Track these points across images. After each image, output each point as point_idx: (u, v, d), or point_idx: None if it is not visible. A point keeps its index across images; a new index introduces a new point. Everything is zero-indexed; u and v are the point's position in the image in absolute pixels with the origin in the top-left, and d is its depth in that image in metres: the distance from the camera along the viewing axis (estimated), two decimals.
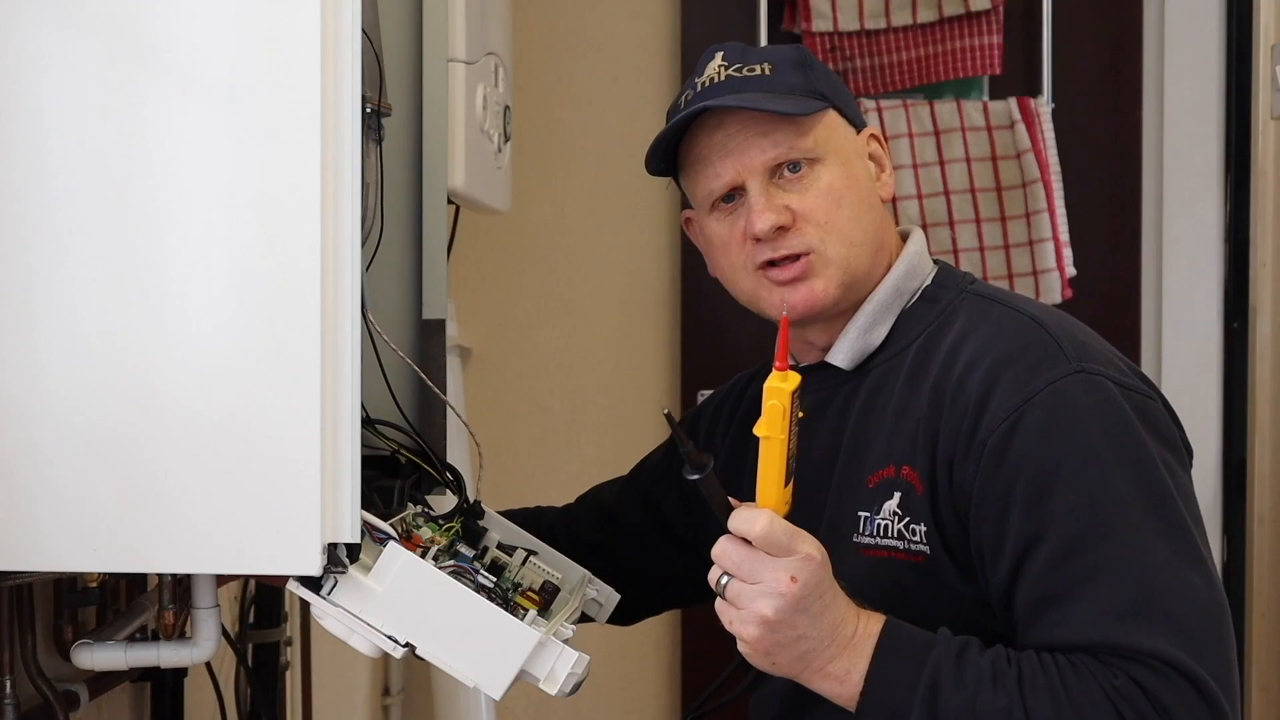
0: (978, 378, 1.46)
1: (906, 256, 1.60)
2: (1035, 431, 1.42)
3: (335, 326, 1.27)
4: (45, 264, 1.27)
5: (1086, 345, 1.48)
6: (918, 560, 1.48)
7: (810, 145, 1.55)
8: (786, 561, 1.36)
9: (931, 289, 1.59)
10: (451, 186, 2.04)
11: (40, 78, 1.26)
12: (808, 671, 1.40)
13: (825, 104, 1.57)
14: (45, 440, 1.27)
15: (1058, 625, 1.39)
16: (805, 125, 1.55)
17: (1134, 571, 1.38)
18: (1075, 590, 1.38)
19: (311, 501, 1.27)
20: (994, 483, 1.42)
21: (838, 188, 1.56)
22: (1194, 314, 3.20)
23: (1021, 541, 1.41)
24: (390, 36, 1.71)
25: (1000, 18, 3.12)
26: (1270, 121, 3.07)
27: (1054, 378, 1.43)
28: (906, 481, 1.49)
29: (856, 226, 1.56)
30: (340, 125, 1.27)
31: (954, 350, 1.50)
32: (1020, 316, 1.51)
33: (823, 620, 1.38)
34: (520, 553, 1.64)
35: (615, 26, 3.31)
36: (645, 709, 3.36)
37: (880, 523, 1.50)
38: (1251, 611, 3.09)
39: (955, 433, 1.45)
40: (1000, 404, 1.43)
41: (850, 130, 1.60)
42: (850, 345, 1.58)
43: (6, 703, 1.58)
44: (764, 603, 1.36)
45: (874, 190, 1.60)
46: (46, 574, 1.48)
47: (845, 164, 1.57)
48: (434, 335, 1.77)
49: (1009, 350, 1.46)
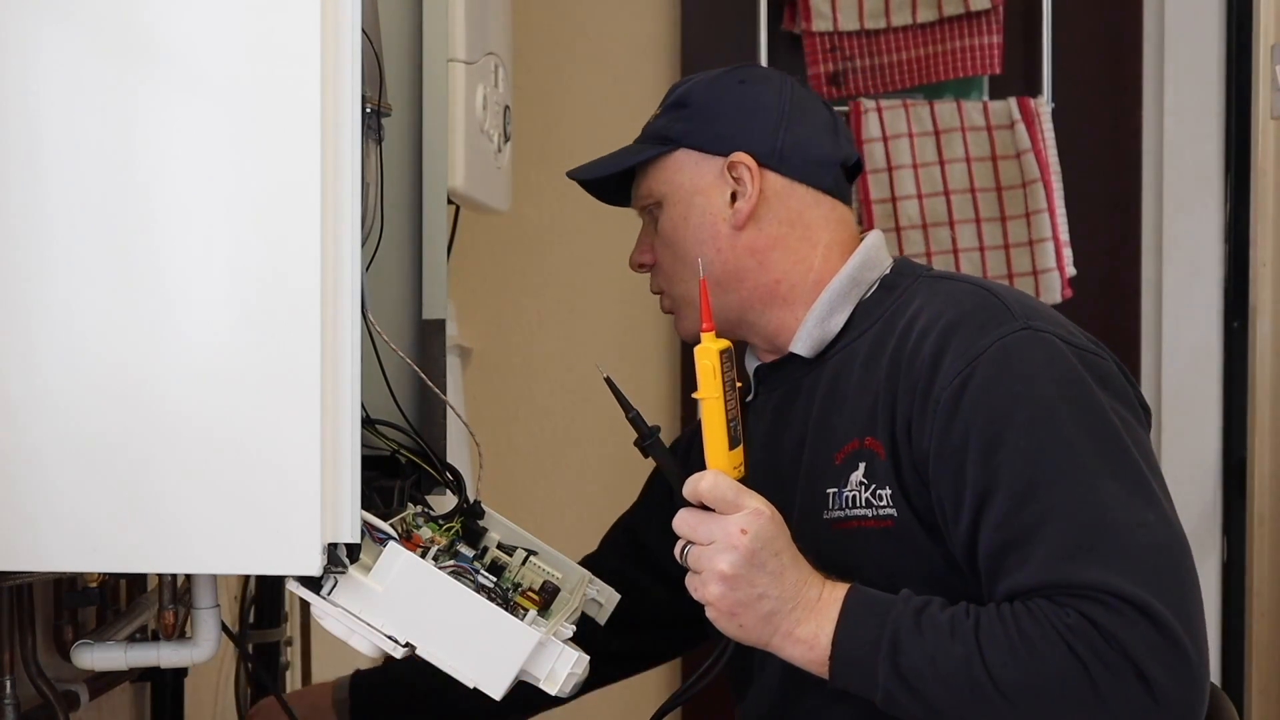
0: (930, 340, 1.51)
1: (862, 250, 1.66)
2: (985, 384, 1.46)
3: (335, 326, 1.27)
4: (43, 263, 1.27)
5: (1034, 308, 1.54)
6: (886, 525, 1.51)
7: (647, 191, 1.69)
8: (736, 516, 1.43)
9: (890, 278, 1.65)
10: (451, 186, 2.04)
11: (37, 77, 1.26)
12: (777, 636, 1.44)
13: (661, 149, 1.67)
14: (44, 439, 1.27)
15: (1015, 570, 1.42)
16: (645, 174, 1.69)
17: (1085, 511, 1.41)
18: (1029, 535, 1.42)
19: (311, 501, 1.27)
20: (949, 438, 1.46)
21: (669, 230, 1.67)
22: (1194, 314, 3.20)
23: (978, 493, 1.44)
24: (390, 36, 1.71)
25: (1000, 18, 3.12)
26: (1270, 121, 3.07)
27: (1002, 334, 1.49)
28: (870, 450, 1.53)
29: (687, 267, 1.65)
30: (340, 125, 1.27)
31: (909, 324, 1.55)
32: (970, 286, 1.58)
33: (783, 580, 1.43)
34: (520, 553, 1.64)
35: (615, 26, 3.31)
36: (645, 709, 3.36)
37: (848, 494, 1.55)
38: (1251, 611, 3.09)
39: (911, 394, 1.50)
40: (952, 362, 1.48)
41: (702, 165, 1.66)
42: (809, 333, 1.64)
43: (6, 703, 1.58)
44: (720, 558, 1.42)
45: (717, 222, 1.65)
46: (46, 574, 1.48)
47: (681, 204, 1.66)
48: (434, 335, 1.77)
49: (959, 314, 1.52)
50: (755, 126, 1.66)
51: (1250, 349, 3.12)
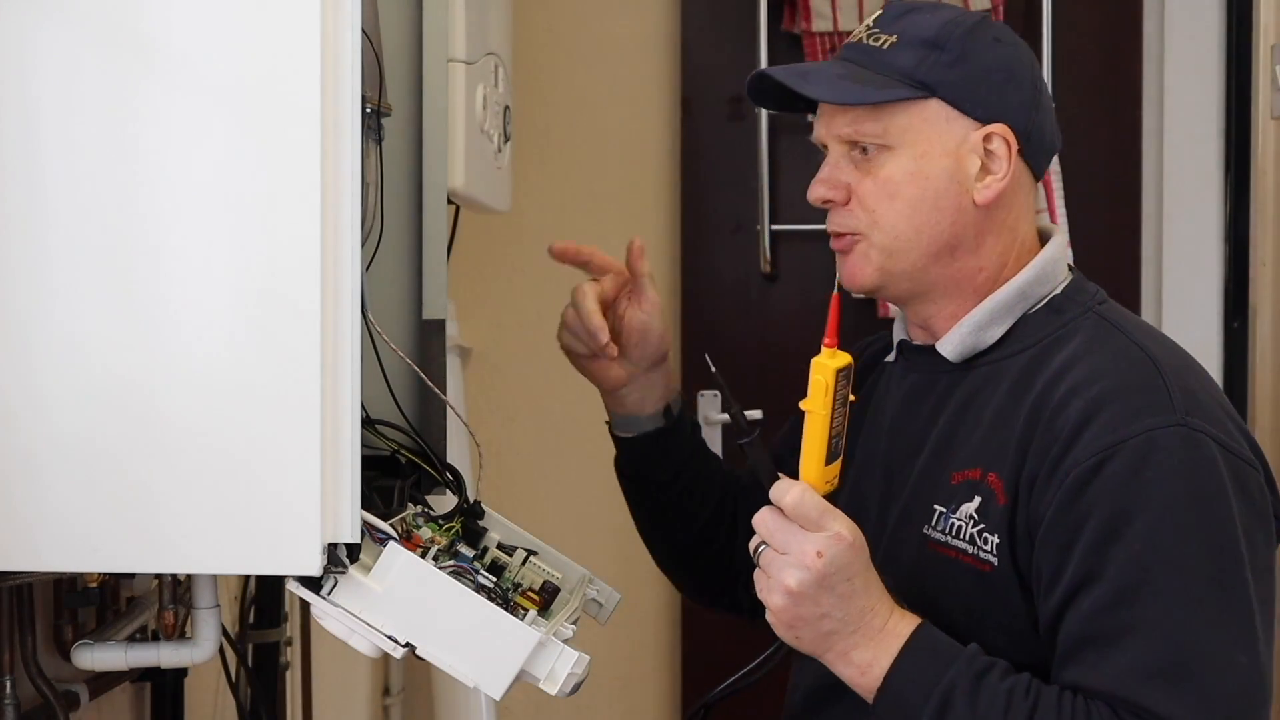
0: (1079, 404, 1.42)
1: (1039, 261, 1.56)
2: (1120, 475, 1.39)
3: (335, 326, 1.27)
4: (41, 261, 1.27)
5: (1197, 397, 1.44)
6: (984, 569, 1.46)
7: (879, 131, 1.51)
8: (816, 536, 1.38)
9: (1060, 299, 1.56)
10: (451, 186, 2.04)
11: (35, 78, 1.26)
12: (830, 654, 1.42)
13: (916, 93, 1.50)
14: (44, 439, 1.27)
15: (1090, 669, 1.38)
16: (879, 112, 1.51)
17: (1177, 636, 1.36)
18: (1115, 638, 1.37)
19: (311, 501, 1.27)
20: (1067, 514, 1.40)
21: (896, 180, 1.51)
22: (1194, 314, 3.20)
23: (1078, 577, 1.39)
24: (390, 36, 1.71)
25: (1000, 18, 3.12)
26: (1270, 121, 3.07)
27: (1154, 425, 1.40)
28: (989, 488, 1.47)
29: (907, 224, 1.52)
30: (340, 125, 1.27)
31: (1063, 369, 1.47)
32: (1139, 352, 1.47)
33: (850, 603, 1.39)
34: (520, 553, 1.64)
35: (615, 26, 3.31)
36: (645, 709, 3.36)
37: (954, 522, 1.49)
38: None
39: (1044, 454, 1.43)
40: (1094, 438, 1.40)
41: (954, 124, 1.51)
42: (961, 339, 1.55)
43: (7, 703, 1.58)
44: (789, 573, 1.39)
45: (958, 191, 1.52)
46: (47, 574, 1.48)
47: (920, 159, 1.51)
48: (434, 335, 1.77)
49: (1116, 385, 1.43)
50: (1013, 97, 1.53)
51: (1250, 349, 3.12)
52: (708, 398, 3.22)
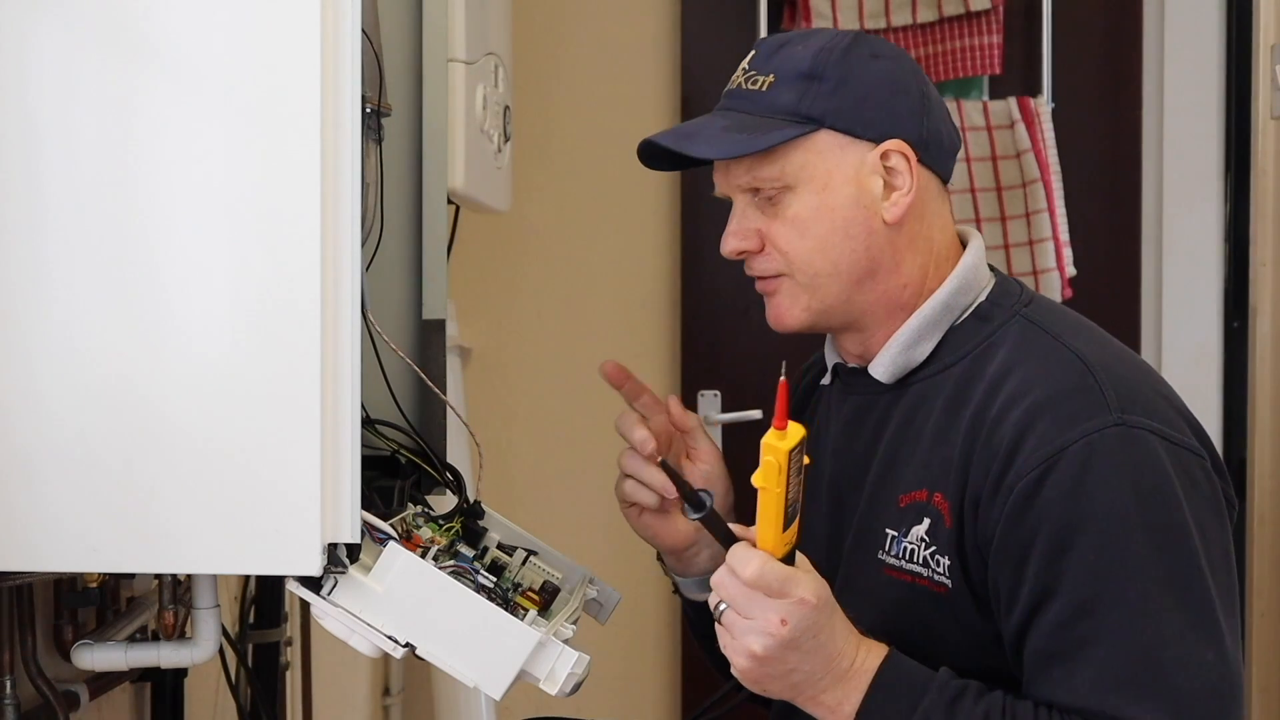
0: (1015, 416, 1.41)
1: (960, 270, 1.54)
2: (1064, 484, 1.38)
3: (335, 326, 1.27)
4: (40, 260, 1.27)
5: (1134, 391, 1.43)
6: (939, 591, 1.46)
7: (776, 174, 1.50)
8: (779, 604, 1.35)
9: (985, 306, 1.54)
10: (451, 186, 2.04)
11: (34, 77, 1.26)
12: (800, 698, 1.41)
13: (804, 129, 1.49)
14: (44, 439, 1.27)
15: (1059, 684, 1.38)
16: (773, 155, 1.50)
17: (1141, 641, 1.36)
18: (1079, 652, 1.37)
19: (311, 501, 1.27)
20: (1016, 531, 1.40)
21: (803, 218, 1.50)
22: (1194, 314, 3.20)
23: (1036, 594, 1.39)
24: (390, 36, 1.71)
25: (1000, 18, 3.12)
26: (1270, 121, 3.07)
27: (1091, 429, 1.39)
28: (936, 509, 1.47)
29: (823, 258, 1.51)
30: (340, 125, 1.27)
31: (997, 381, 1.46)
32: (1067, 353, 1.46)
33: (815, 656, 1.37)
34: (520, 553, 1.64)
35: (615, 26, 3.31)
36: (645, 709, 3.36)
37: (907, 546, 1.49)
38: (1252, 611, 3.09)
39: (986, 470, 1.42)
40: (1033, 450, 1.39)
41: (848, 150, 1.50)
42: (892, 360, 1.54)
43: (7, 703, 1.58)
44: (753, 639, 1.36)
45: (867, 215, 1.50)
46: (47, 574, 1.48)
47: (822, 192, 1.50)
48: (434, 335, 1.77)
49: (1049, 392, 1.42)
50: (902, 109, 1.51)
51: (1250, 349, 3.13)
52: (708, 398, 3.22)
